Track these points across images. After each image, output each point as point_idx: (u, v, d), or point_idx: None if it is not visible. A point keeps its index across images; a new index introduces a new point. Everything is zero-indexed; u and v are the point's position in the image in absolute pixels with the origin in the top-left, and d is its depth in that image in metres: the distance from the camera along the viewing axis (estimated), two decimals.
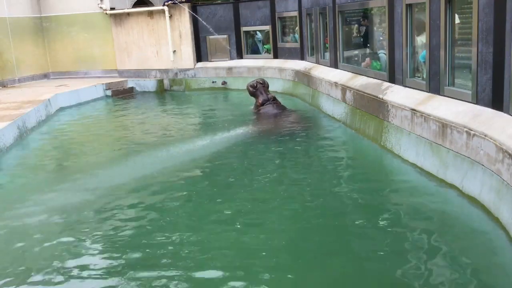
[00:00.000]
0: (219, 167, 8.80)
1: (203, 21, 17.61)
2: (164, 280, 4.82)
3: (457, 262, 4.88)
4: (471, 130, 6.03)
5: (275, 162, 8.79)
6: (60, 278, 5.03)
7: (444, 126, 6.66)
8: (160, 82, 18.75)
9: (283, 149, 9.61)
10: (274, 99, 12.48)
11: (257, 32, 18.11)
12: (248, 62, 17.75)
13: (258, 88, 12.56)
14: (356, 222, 6.02)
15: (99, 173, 8.62)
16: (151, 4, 20.08)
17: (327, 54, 13.18)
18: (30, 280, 5.03)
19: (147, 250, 5.45)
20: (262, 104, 12.28)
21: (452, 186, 6.46)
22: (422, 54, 8.20)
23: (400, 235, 5.58)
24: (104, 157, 9.84)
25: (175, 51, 18.28)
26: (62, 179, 8.43)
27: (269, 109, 12.19)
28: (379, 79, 9.72)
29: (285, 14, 16.60)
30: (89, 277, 5.02)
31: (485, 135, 5.75)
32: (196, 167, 8.81)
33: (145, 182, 7.86)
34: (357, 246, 5.44)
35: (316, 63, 14.17)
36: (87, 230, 6.14)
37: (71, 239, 5.93)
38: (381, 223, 5.92)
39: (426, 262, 4.91)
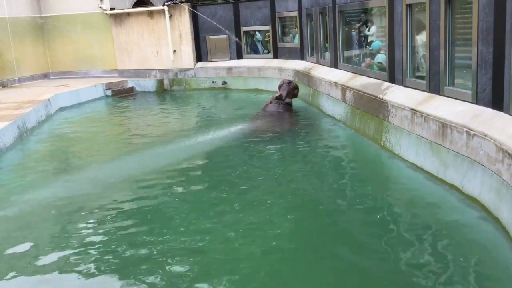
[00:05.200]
0: (218, 165, 8.80)
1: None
2: (162, 276, 4.83)
3: (456, 262, 4.88)
4: (471, 130, 6.03)
5: (274, 161, 8.79)
6: (58, 274, 5.05)
7: (444, 126, 6.66)
8: (160, 82, 18.76)
9: (282, 148, 9.61)
10: (289, 103, 12.47)
11: (257, 32, 18.12)
12: (248, 62, 17.75)
13: (287, 86, 12.60)
14: (355, 222, 6.02)
15: (98, 172, 8.63)
16: (151, 4, 20.07)
17: (327, 54, 13.19)
18: (28, 276, 5.06)
19: (147, 248, 5.46)
20: (276, 99, 12.32)
21: (452, 186, 6.46)
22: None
23: (400, 235, 5.59)
24: (104, 156, 9.85)
25: (175, 51, 18.29)
26: (62, 179, 8.43)
27: (272, 108, 12.21)
28: (379, 79, 9.72)
29: (285, 14, 16.60)
30: (86, 273, 5.02)
31: (485, 135, 5.75)
32: (195, 165, 8.84)
33: (144, 180, 7.88)
34: (356, 245, 5.44)
35: (316, 63, 14.18)
36: (87, 227, 6.15)
37: (70, 236, 5.93)
38: (380, 222, 5.92)
39: (425, 261, 4.90)
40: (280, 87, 12.82)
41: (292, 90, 12.66)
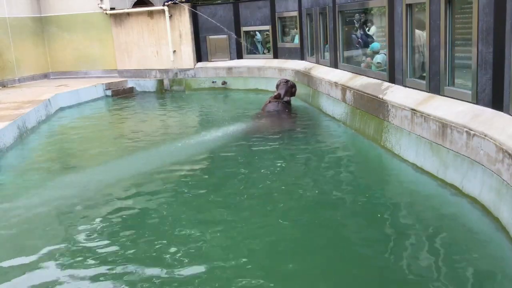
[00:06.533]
0: (218, 165, 8.81)
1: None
2: (162, 275, 4.84)
3: (456, 262, 4.88)
4: (471, 130, 6.03)
5: (274, 161, 8.78)
6: (57, 274, 5.05)
7: (444, 126, 6.66)
8: (160, 82, 18.75)
9: (282, 148, 9.61)
10: (288, 102, 12.60)
11: (257, 32, 18.13)
12: (248, 62, 17.75)
13: (285, 85, 12.82)
14: (355, 222, 6.02)
15: (98, 171, 8.63)
16: (151, 4, 20.07)
17: (327, 54, 13.19)
18: (28, 275, 5.06)
19: (147, 247, 5.46)
20: (275, 98, 12.50)
21: (452, 186, 6.46)
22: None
23: (400, 235, 5.59)
24: (103, 156, 9.84)
25: (175, 51, 18.28)
26: (62, 178, 8.42)
27: (272, 107, 12.28)
28: (379, 79, 9.72)
29: (285, 14, 16.60)
30: (84, 271, 5.03)
31: (485, 135, 5.75)
32: (195, 165, 8.84)
33: (144, 180, 7.90)
34: (356, 245, 5.44)
35: (316, 63, 14.17)
36: (87, 227, 6.15)
37: (71, 237, 5.93)
38: (380, 222, 5.92)
39: (426, 262, 4.91)
40: (277, 86, 13.00)
41: (290, 88, 12.84)
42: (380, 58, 10.30)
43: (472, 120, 6.19)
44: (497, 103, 6.09)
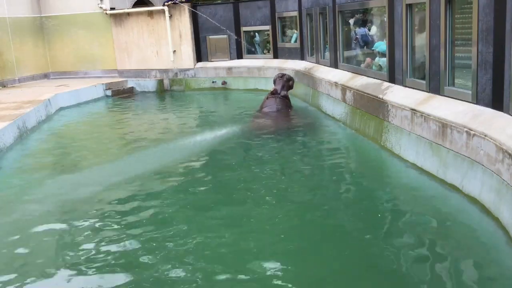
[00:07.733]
0: (218, 165, 8.80)
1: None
2: (162, 276, 4.83)
3: (456, 262, 4.88)
4: (471, 130, 6.03)
5: (274, 162, 8.79)
6: (57, 274, 5.05)
7: (444, 126, 6.66)
8: (160, 82, 18.76)
9: (282, 148, 9.61)
10: (285, 96, 12.68)
11: (256, 34, 18.14)
12: (248, 62, 17.76)
13: (281, 80, 12.94)
14: (355, 222, 6.02)
15: (98, 171, 8.63)
16: (151, 4, 20.08)
17: (327, 54, 13.19)
18: (28, 275, 5.05)
19: (147, 248, 5.46)
20: (272, 93, 12.60)
21: (452, 186, 6.46)
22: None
23: (399, 235, 5.59)
24: (104, 156, 9.85)
25: (175, 51, 18.29)
26: (62, 179, 8.42)
27: (270, 103, 12.31)
28: (379, 79, 9.72)
29: (285, 14, 16.61)
30: (85, 273, 5.03)
31: (485, 135, 5.75)
32: (194, 165, 8.83)
33: (144, 179, 7.90)
34: (356, 245, 5.43)
35: (316, 63, 14.18)
36: (87, 228, 6.14)
37: (70, 237, 5.93)
38: (380, 223, 5.92)
39: (425, 262, 4.91)
40: (274, 82, 13.11)
41: (286, 82, 12.95)
42: (382, 61, 10.27)
43: (472, 120, 6.19)
44: (497, 103, 6.09)
